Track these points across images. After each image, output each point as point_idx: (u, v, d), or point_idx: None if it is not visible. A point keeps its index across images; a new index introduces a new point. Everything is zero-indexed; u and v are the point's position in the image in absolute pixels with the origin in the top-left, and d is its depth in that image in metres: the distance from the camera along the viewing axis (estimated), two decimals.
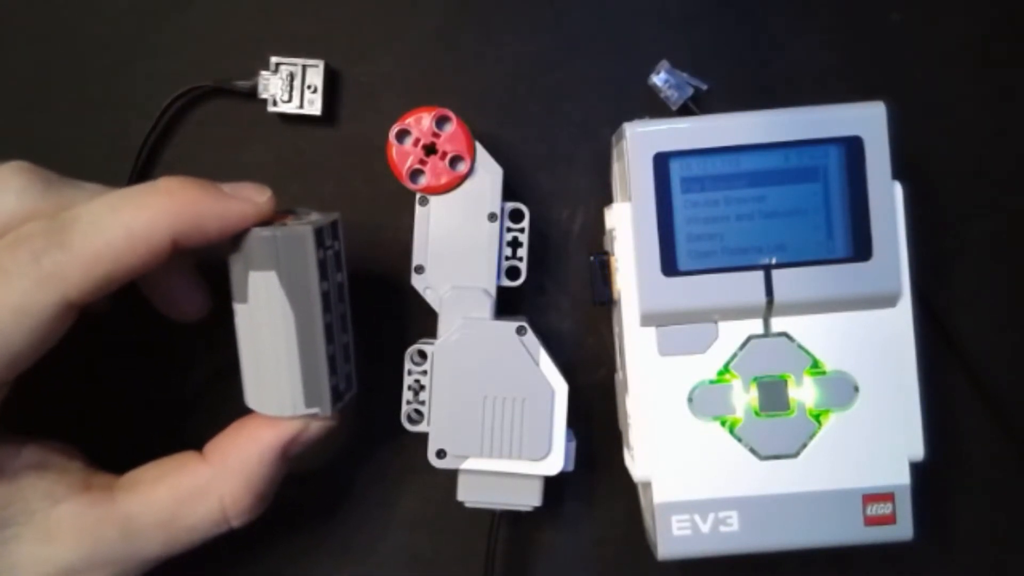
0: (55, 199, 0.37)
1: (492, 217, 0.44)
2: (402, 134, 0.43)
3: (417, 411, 0.43)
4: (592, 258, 0.44)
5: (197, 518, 0.39)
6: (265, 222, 0.39)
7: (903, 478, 0.42)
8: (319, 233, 0.39)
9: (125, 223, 0.35)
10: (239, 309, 0.40)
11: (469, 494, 0.44)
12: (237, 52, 0.48)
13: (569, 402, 0.43)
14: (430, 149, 0.43)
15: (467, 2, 0.49)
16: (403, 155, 0.43)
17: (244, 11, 0.49)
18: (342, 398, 0.41)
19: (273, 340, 0.39)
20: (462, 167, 0.43)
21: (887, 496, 0.42)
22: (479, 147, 0.44)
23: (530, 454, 0.43)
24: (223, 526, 0.40)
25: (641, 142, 0.41)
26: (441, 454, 0.43)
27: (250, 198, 0.39)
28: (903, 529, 0.42)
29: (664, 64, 0.47)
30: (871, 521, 0.42)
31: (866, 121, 0.41)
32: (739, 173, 0.41)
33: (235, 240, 0.39)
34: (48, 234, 0.35)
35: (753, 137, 0.41)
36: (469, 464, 0.43)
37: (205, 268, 0.45)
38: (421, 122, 0.43)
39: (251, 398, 0.41)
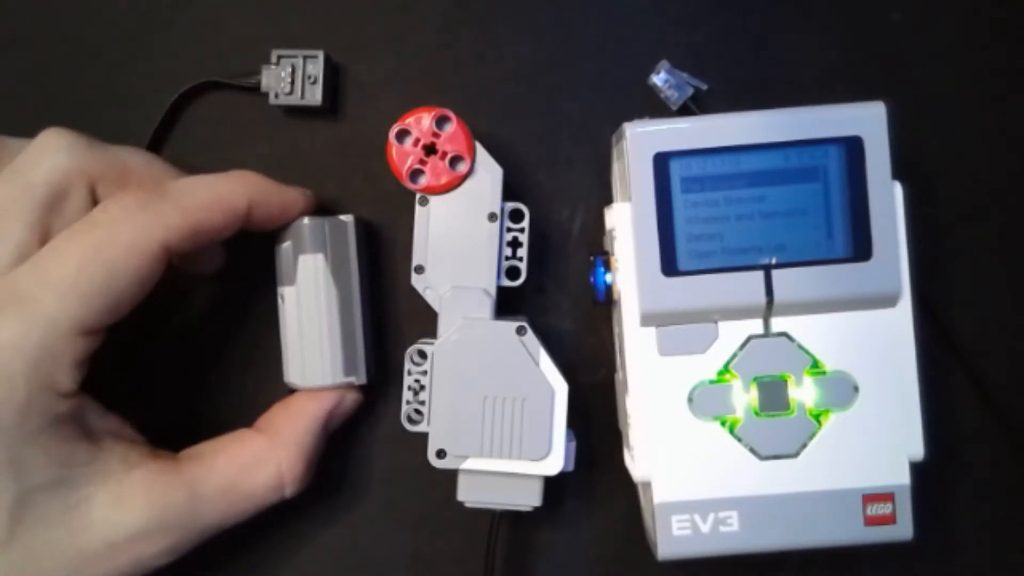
0: (102, 155, 0.41)
1: (492, 217, 0.44)
2: (402, 134, 0.43)
3: (417, 411, 0.43)
4: (592, 258, 0.44)
5: (257, 484, 0.42)
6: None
7: (903, 478, 0.42)
8: (357, 222, 0.45)
9: (213, 188, 0.41)
10: (287, 292, 0.44)
11: (469, 494, 0.44)
12: (238, 53, 0.48)
13: (569, 402, 0.43)
14: (430, 149, 0.43)
15: (467, 2, 0.49)
16: (403, 155, 0.43)
17: (245, 11, 0.49)
18: (370, 373, 0.46)
19: (318, 316, 0.44)
20: (462, 167, 0.43)
21: (887, 496, 0.41)
22: (479, 147, 0.43)
23: (530, 454, 0.42)
24: (278, 493, 0.43)
25: (641, 142, 0.41)
26: (441, 454, 0.43)
27: (302, 191, 0.44)
28: (903, 529, 0.42)
29: (664, 64, 0.47)
30: (871, 521, 0.41)
31: (866, 121, 0.41)
32: (739, 173, 0.41)
33: (284, 231, 0.44)
34: (150, 190, 0.39)
35: (753, 137, 0.41)
36: (469, 464, 0.43)
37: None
38: (421, 122, 0.43)
39: (293, 374, 0.45)
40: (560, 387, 0.43)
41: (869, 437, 0.42)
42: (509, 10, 0.49)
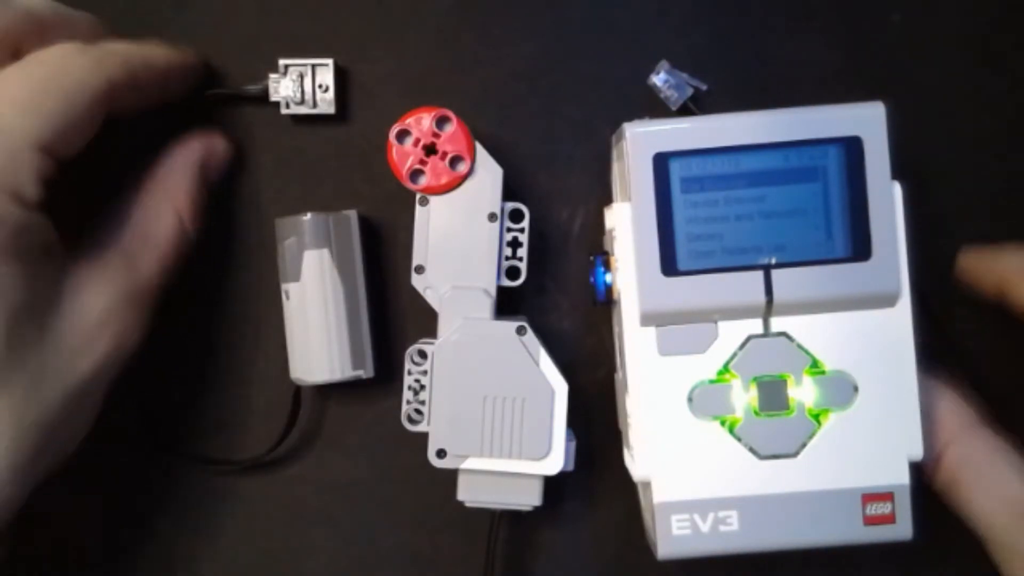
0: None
1: (492, 217, 0.44)
2: (402, 134, 0.43)
3: (417, 411, 0.43)
4: (592, 258, 0.43)
5: (163, 229, 0.44)
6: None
7: (903, 478, 0.41)
8: (360, 217, 0.46)
9: (140, 46, 0.43)
10: (292, 288, 0.45)
11: (469, 494, 0.44)
12: (237, 53, 0.48)
13: (569, 402, 0.43)
14: (430, 149, 0.43)
15: (467, 2, 0.49)
16: (403, 155, 0.43)
17: (244, 12, 0.49)
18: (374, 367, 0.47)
19: (324, 311, 0.45)
20: (462, 167, 0.43)
21: (887, 496, 0.41)
22: (479, 147, 0.43)
23: (530, 454, 0.43)
24: (183, 230, 0.45)
25: (641, 142, 0.41)
26: (441, 454, 0.43)
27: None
28: (903, 529, 0.41)
29: (664, 64, 0.47)
30: (871, 521, 0.41)
31: (865, 121, 0.40)
32: (739, 173, 0.41)
33: (287, 227, 0.45)
34: (86, 41, 0.41)
35: (753, 137, 0.40)
36: (469, 464, 0.43)
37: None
38: (421, 122, 0.43)
39: (300, 369, 0.45)
40: (560, 387, 0.43)
41: (868, 437, 0.41)
42: (509, 11, 0.49)
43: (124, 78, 0.41)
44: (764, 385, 0.42)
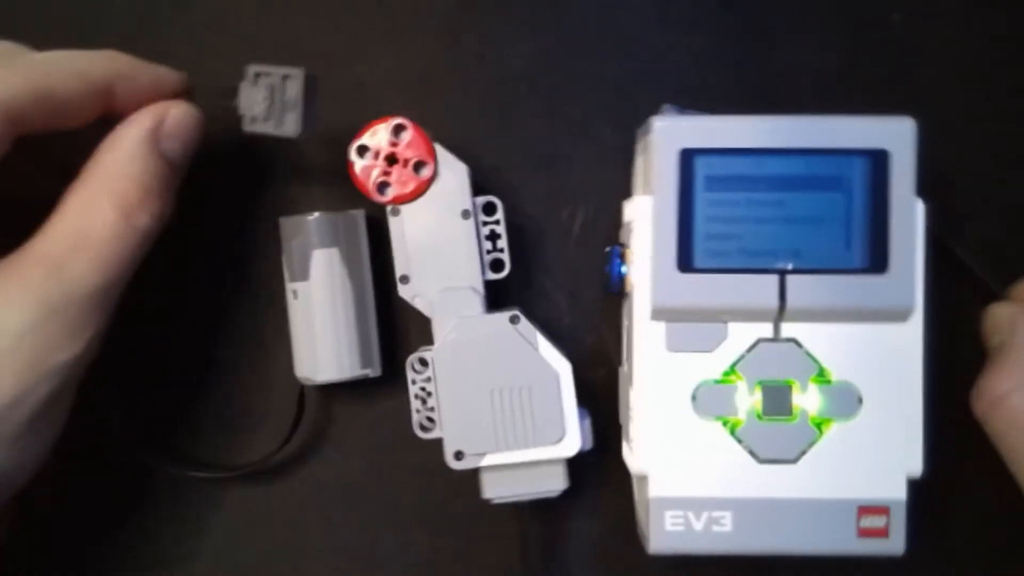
0: None
1: (465, 214, 0.43)
2: (361, 150, 0.43)
3: (428, 419, 0.43)
4: (609, 249, 0.43)
5: (99, 223, 0.38)
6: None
7: (899, 493, 0.41)
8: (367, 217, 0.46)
9: (69, 58, 0.39)
10: (299, 288, 0.44)
11: (495, 490, 0.43)
12: (235, 51, 0.46)
13: None
14: (391, 159, 0.43)
15: (467, 2, 0.48)
16: (366, 170, 0.43)
17: (242, 11, 0.48)
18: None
19: (332, 310, 0.44)
20: (426, 171, 0.43)
21: (882, 509, 0.41)
22: (439, 148, 0.43)
23: (546, 439, 0.42)
24: (129, 223, 0.39)
25: (668, 137, 0.40)
26: (459, 456, 0.42)
27: (173, 71, 0.42)
28: (895, 544, 0.41)
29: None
30: (864, 533, 0.41)
31: (895, 135, 0.40)
32: (763, 176, 0.40)
33: (295, 227, 0.44)
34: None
35: (780, 141, 0.40)
36: (488, 461, 0.42)
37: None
38: (377, 134, 0.43)
39: (307, 368, 0.45)
40: (563, 368, 0.43)
41: (869, 449, 0.41)
42: (509, 11, 0.48)
43: (30, 98, 0.37)
44: (769, 389, 0.41)
